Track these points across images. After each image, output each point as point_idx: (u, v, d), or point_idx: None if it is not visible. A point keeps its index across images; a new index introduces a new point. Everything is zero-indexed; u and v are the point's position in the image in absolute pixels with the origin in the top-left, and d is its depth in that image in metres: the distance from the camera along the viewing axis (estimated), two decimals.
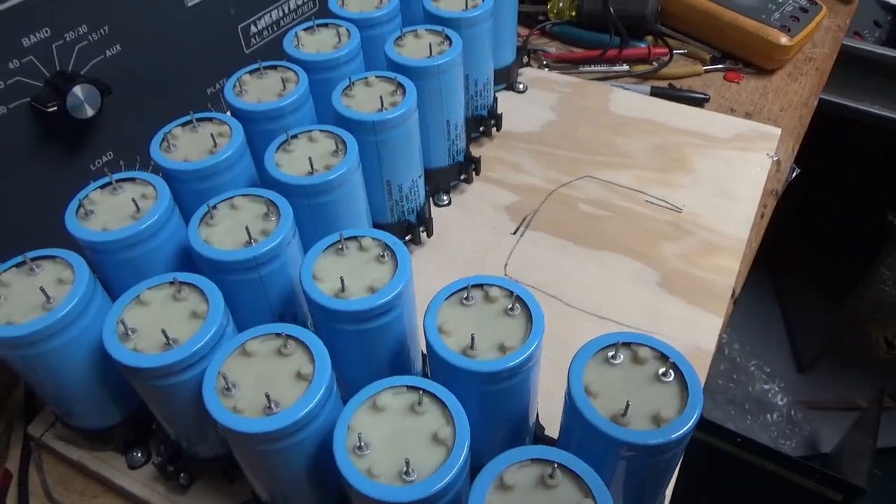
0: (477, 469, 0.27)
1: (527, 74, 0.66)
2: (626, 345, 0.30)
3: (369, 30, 0.50)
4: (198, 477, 0.39)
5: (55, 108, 0.41)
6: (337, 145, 0.41)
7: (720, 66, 0.69)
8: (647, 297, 0.48)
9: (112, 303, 0.33)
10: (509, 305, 0.32)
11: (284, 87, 0.44)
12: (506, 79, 0.63)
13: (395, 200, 0.48)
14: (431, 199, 0.55)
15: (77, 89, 0.41)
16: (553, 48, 0.72)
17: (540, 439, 0.38)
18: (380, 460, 0.27)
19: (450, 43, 0.48)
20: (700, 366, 0.44)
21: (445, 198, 0.55)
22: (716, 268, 0.49)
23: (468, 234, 0.53)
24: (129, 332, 0.31)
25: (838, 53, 0.74)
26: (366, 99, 0.44)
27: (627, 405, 0.28)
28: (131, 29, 0.46)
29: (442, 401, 0.29)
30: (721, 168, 0.56)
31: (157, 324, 0.31)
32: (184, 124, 0.41)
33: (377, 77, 0.45)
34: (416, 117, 0.45)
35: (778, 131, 0.59)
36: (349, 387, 0.32)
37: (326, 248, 0.35)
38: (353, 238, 0.36)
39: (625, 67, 0.69)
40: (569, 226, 0.53)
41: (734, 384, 1.33)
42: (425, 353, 0.39)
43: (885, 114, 0.89)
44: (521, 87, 0.65)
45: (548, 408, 0.38)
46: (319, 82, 0.46)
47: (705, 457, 1.00)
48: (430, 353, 0.31)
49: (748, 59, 0.69)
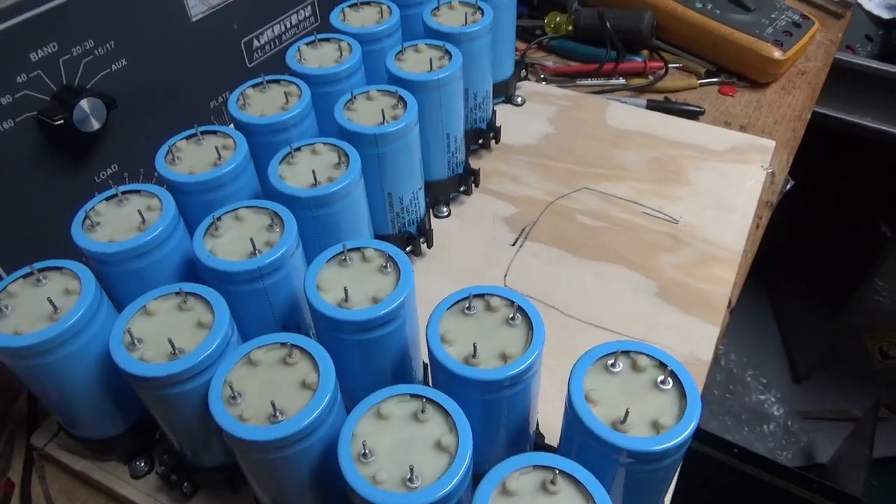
0: (479, 476, 0.28)
1: (525, 88, 0.67)
2: (626, 353, 0.31)
3: (370, 44, 0.51)
4: (201, 486, 0.39)
5: (62, 122, 0.41)
6: (339, 158, 0.41)
7: (715, 80, 0.70)
8: (645, 308, 0.48)
9: (118, 313, 0.33)
10: (510, 315, 0.33)
11: (287, 100, 0.44)
12: (504, 92, 0.64)
13: (396, 212, 0.48)
14: (432, 210, 0.55)
15: (83, 103, 0.42)
16: (550, 62, 0.73)
17: (540, 447, 0.39)
18: (384, 467, 0.28)
19: (450, 57, 0.49)
20: (697, 375, 0.44)
21: (445, 209, 0.56)
22: (712, 278, 0.50)
23: (468, 246, 0.53)
24: (136, 341, 0.32)
25: (831, 67, 0.75)
26: (367, 112, 0.44)
27: (627, 412, 0.28)
28: (137, 43, 0.47)
29: (445, 409, 0.29)
30: (717, 180, 0.57)
31: (163, 333, 0.32)
32: (188, 137, 0.42)
33: (378, 91, 0.46)
34: (416, 130, 0.45)
35: (772, 144, 0.60)
36: (353, 395, 0.32)
37: (330, 259, 0.36)
38: (357, 249, 0.36)
39: (621, 81, 0.70)
40: (567, 237, 0.53)
41: (731, 395, 1.34)
42: (427, 363, 0.40)
43: (877, 126, 0.91)
44: (519, 100, 0.66)
45: (548, 416, 0.39)
46: (322, 96, 0.46)
47: (702, 467, 1.00)
48: (432, 362, 0.32)
49: (742, 73, 0.70)
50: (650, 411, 0.29)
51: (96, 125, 0.43)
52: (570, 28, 0.73)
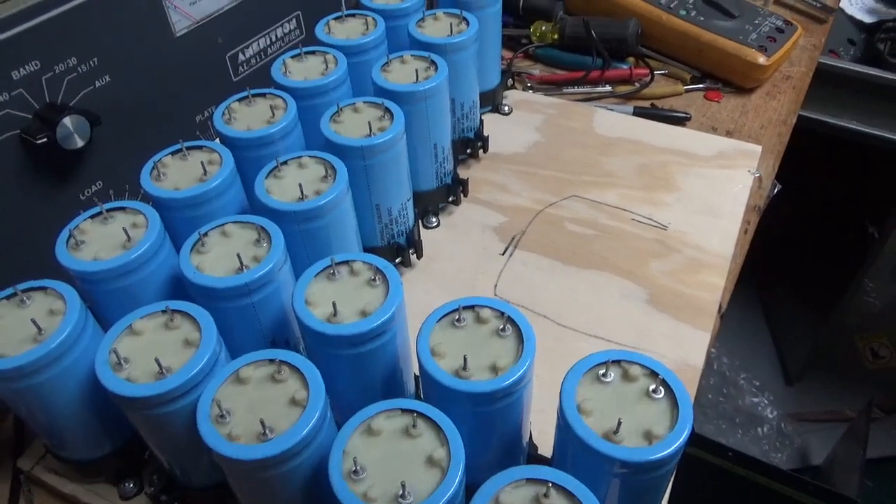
0: (472, 489, 0.27)
1: (512, 97, 0.67)
2: (617, 362, 0.31)
3: (356, 56, 0.50)
4: None
5: (45, 140, 0.41)
6: (326, 171, 0.41)
7: (700, 86, 0.70)
8: (636, 315, 0.48)
9: (104, 333, 0.33)
10: (500, 326, 0.33)
11: (273, 114, 0.44)
12: (491, 101, 0.64)
13: (384, 224, 0.48)
14: (421, 221, 0.55)
15: (67, 120, 0.42)
16: (537, 70, 0.74)
17: (533, 458, 0.38)
18: (376, 484, 0.27)
19: (435, 68, 0.49)
20: (689, 381, 0.44)
21: (434, 220, 0.56)
22: (702, 284, 0.50)
23: (458, 256, 0.53)
24: (122, 361, 0.31)
25: (815, 72, 0.76)
26: (354, 124, 0.44)
27: (619, 422, 0.28)
28: (120, 60, 0.46)
29: (436, 423, 0.29)
30: (704, 186, 0.57)
31: (149, 352, 0.31)
32: (174, 153, 0.42)
33: (365, 103, 0.46)
34: (403, 142, 0.45)
35: (759, 148, 0.61)
36: (344, 410, 0.32)
37: (318, 273, 0.36)
38: (345, 262, 0.36)
39: (607, 88, 0.71)
40: (557, 245, 0.53)
41: (724, 398, 1.34)
42: (418, 376, 0.39)
43: (862, 129, 0.91)
44: (506, 109, 0.66)
45: (541, 426, 0.39)
46: (308, 109, 0.46)
47: (697, 471, 1.00)
48: (423, 375, 0.32)
49: (727, 79, 0.70)
50: (643, 421, 0.29)
51: (80, 142, 0.43)
52: (556, 37, 0.74)
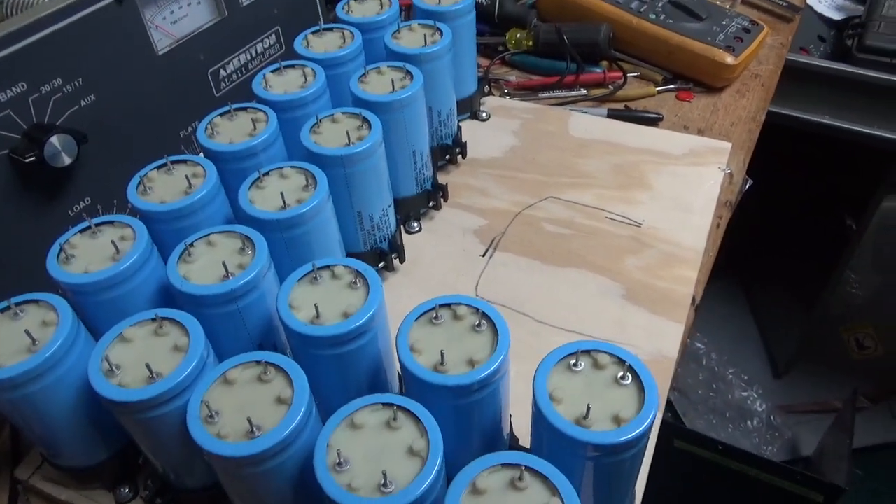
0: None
1: (489, 103, 0.69)
2: (587, 352, 0.32)
3: (334, 69, 0.52)
4: None
5: (33, 159, 0.42)
6: (307, 180, 0.43)
7: (672, 87, 0.72)
8: (613, 310, 0.50)
9: (96, 342, 0.34)
10: (476, 322, 0.34)
11: (255, 127, 0.46)
12: (469, 108, 0.66)
13: (366, 230, 0.50)
14: (402, 226, 0.57)
15: (54, 139, 0.43)
16: (513, 77, 0.75)
17: (514, 450, 0.40)
18: (359, 475, 0.29)
19: (411, 78, 0.50)
20: (665, 370, 0.46)
21: (416, 225, 0.57)
22: (676, 278, 0.52)
23: (439, 259, 0.55)
24: (114, 368, 0.33)
25: (787, 69, 0.78)
26: (333, 135, 0.46)
27: (588, 408, 0.30)
28: (105, 79, 0.48)
29: (415, 415, 0.30)
30: (677, 183, 0.59)
31: (140, 359, 0.33)
32: (159, 167, 0.43)
33: (343, 113, 0.47)
34: (382, 150, 0.47)
35: (728, 145, 0.63)
36: (330, 408, 0.33)
37: (301, 278, 0.37)
38: (326, 267, 0.37)
39: (582, 92, 0.72)
40: (535, 245, 0.55)
41: (714, 393, 1.36)
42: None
43: (834, 123, 0.94)
44: (484, 115, 0.67)
45: (521, 419, 0.40)
46: (288, 121, 0.48)
47: (689, 466, 1.01)
48: (403, 372, 0.33)
49: (697, 79, 0.72)
50: (611, 406, 0.30)
51: (68, 160, 0.44)
52: (531, 43, 0.76)
